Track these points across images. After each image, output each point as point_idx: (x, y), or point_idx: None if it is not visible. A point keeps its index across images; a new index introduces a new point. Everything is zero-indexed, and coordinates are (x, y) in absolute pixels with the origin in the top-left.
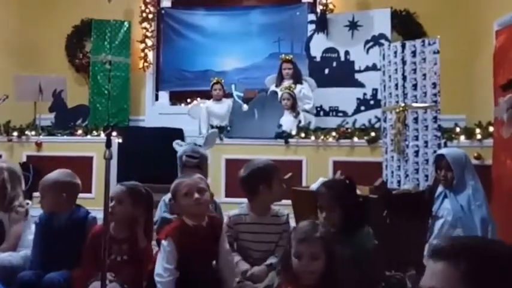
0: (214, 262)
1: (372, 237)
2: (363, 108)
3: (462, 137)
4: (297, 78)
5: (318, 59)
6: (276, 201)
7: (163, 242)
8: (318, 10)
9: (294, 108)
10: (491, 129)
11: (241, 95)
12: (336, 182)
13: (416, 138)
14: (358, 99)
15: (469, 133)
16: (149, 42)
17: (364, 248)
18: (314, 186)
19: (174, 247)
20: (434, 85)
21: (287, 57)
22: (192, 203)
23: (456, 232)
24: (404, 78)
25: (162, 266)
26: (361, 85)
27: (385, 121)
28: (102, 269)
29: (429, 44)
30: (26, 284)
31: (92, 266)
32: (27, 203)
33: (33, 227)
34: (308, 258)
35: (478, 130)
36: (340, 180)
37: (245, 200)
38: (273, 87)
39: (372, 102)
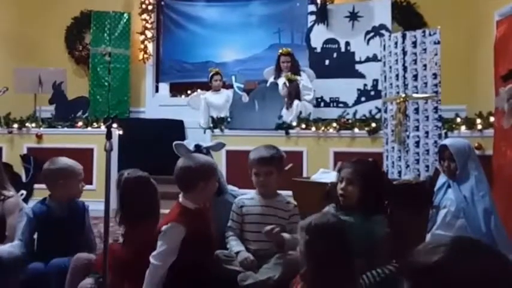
0: None
1: (385, 226)
2: (363, 99)
3: (463, 127)
4: (295, 71)
5: (319, 50)
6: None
7: None
8: (318, 1)
9: (289, 98)
10: (491, 119)
11: (242, 86)
12: (364, 160)
13: (417, 128)
14: (358, 90)
15: (470, 123)
16: (149, 34)
17: (375, 235)
18: (315, 177)
19: None
20: (434, 75)
21: (285, 50)
22: None
23: (459, 222)
24: (404, 68)
25: None
26: (361, 76)
27: (385, 112)
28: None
29: (430, 35)
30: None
31: None
32: (21, 194)
33: None
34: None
35: (478, 120)
36: (369, 161)
37: (247, 191)
38: (271, 80)
39: (372, 93)
